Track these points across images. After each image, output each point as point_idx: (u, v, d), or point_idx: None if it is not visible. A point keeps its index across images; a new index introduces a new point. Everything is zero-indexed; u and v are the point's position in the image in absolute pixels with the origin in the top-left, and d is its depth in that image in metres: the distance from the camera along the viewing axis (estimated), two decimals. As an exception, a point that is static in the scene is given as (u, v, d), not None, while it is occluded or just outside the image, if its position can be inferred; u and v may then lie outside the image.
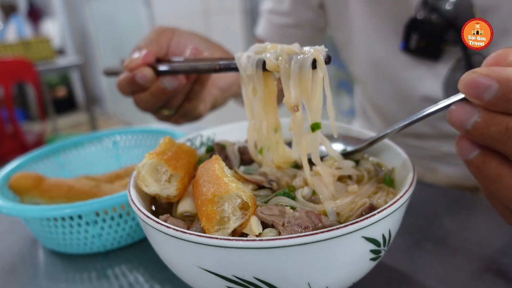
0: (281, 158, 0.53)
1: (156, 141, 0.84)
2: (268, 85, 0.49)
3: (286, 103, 0.46)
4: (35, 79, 2.82)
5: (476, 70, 0.32)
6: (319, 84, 0.44)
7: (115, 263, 0.60)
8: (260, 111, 0.51)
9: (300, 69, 0.43)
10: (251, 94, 0.50)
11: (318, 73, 0.43)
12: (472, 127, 0.32)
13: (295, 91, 0.44)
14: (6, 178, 0.67)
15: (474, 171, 0.35)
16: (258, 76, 0.48)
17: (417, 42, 0.78)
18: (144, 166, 0.45)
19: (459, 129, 0.34)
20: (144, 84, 0.61)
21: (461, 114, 0.33)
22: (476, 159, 0.34)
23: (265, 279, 0.35)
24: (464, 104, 0.33)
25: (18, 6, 5.91)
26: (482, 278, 0.50)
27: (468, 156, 0.35)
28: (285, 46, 0.45)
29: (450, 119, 0.34)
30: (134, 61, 0.61)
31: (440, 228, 0.61)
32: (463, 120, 0.33)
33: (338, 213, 0.43)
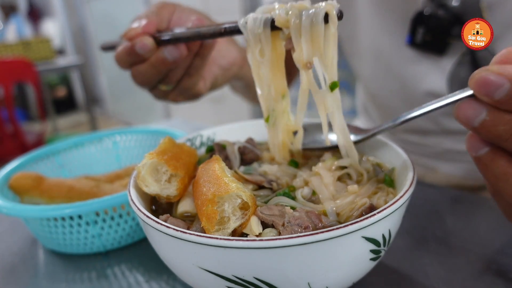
0: (285, 126, 0.52)
1: (156, 141, 0.84)
2: (276, 47, 0.48)
3: (297, 60, 0.44)
4: (35, 79, 2.81)
5: (488, 68, 0.31)
6: (332, 39, 0.43)
7: (115, 263, 0.60)
8: (268, 75, 0.49)
9: (312, 24, 0.42)
10: (259, 56, 0.48)
11: (331, 28, 0.42)
12: (479, 125, 0.32)
13: (307, 47, 0.43)
14: (6, 178, 0.66)
15: (482, 168, 0.35)
16: (266, 36, 0.46)
17: (423, 36, 0.78)
18: (144, 166, 0.45)
19: (466, 125, 0.33)
20: (143, 54, 0.59)
21: (468, 111, 0.33)
22: (484, 156, 0.34)
23: (265, 279, 0.35)
24: (472, 101, 0.33)
25: (18, 6, 5.91)
26: (482, 278, 0.50)
27: (477, 153, 0.35)
28: (295, 2, 0.44)
29: (457, 115, 0.34)
30: (134, 30, 0.59)
31: (440, 228, 0.61)
32: (470, 117, 0.33)
33: (338, 213, 0.43)
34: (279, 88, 0.50)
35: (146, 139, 0.87)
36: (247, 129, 0.65)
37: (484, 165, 0.35)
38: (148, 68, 0.61)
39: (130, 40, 0.60)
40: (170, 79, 0.65)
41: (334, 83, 0.45)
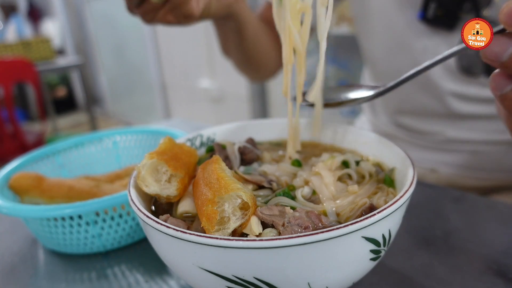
0: (293, 6, 0.49)
1: (156, 141, 0.84)
2: None
3: None
4: (35, 79, 2.81)
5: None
6: None
7: (115, 263, 0.60)
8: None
9: None
10: None
11: None
12: (508, 58, 0.33)
13: None
14: (6, 178, 0.66)
15: (507, 104, 0.36)
16: None
17: (435, 11, 0.79)
18: (144, 166, 0.45)
19: (494, 62, 0.34)
20: None
21: (496, 46, 0.34)
22: (510, 93, 0.35)
23: (265, 279, 0.35)
24: (499, 36, 0.34)
25: (18, 6, 5.91)
26: (482, 278, 0.50)
27: (503, 90, 0.35)
28: None
29: (485, 53, 0.34)
30: None
31: (440, 228, 0.61)
32: (498, 52, 0.33)
33: (338, 213, 0.43)
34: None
35: (146, 139, 0.87)
36: (247, 129, 0.65)
37: (510, 101, 0.35)
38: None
39: None
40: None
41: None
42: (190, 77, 3.53)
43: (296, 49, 0.51)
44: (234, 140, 0.59)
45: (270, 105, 2.95)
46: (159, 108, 4.23)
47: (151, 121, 4.40)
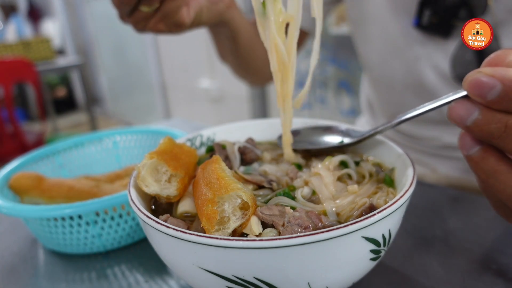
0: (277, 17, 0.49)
1: (156, 141, 0.84)
2: None
3: None
4: (35, 79, 2.81)
5: (481, 70, 0.33)
6: None
7: (115, 263, 0.60)
8: None
9: None
10: None
11: None
12: (472, 124, 0.34)
13: None
14: (6, 178, 0.66)
15: (473, 165, 0.37)
16: None
17: (430, 19, 0.79)
18: (144, 166, 0.45)
19: (459, 124, 0.35)
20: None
21: (461, 110, 0.34)
22: (475, 155, 0.36)
23: (265, 279, 0.35)
24: (465, 101, 0.35)
25: (18, 6, 5.91)
26: (482, 278, 0.50)
27: (469, 151, 0.36)
28: None
29: (451, 115, 0.35)
30: None
31: (440, 228, 0.61)
32: (463, 117, 0.34)
33: (338, 213, 0.43)
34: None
35: (146, 139, 0.87)
36: (247, 129, 0.65)
37: (475, 163, 0.36)
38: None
39: None
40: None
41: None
42: (190, 77, 3.53)
43: (282, 61, 0.50)
44: (234, 140, 0.59)
45: (270, 105, 2.95)
46: (159, 108, 4.23)
47: (151, 121, 4.40)
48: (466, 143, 0.36)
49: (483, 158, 0.35)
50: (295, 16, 0.49)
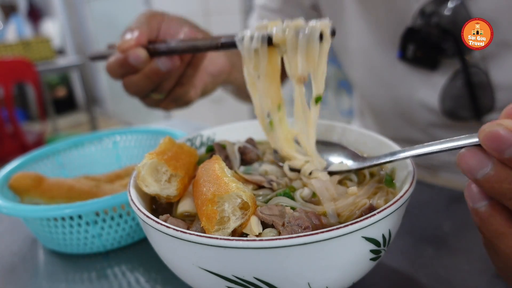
0: (284, 135, 0.53)
1: (156, 141, 0.84)
2: (272, 62, 0.50)
3: (292, 75, 0.47)
4: (35, 79, 2.82)
5: (501, 123, 0.29)
6: (324, 55, 0.46)
7: (115, 263, 0.60)
8: (264, 88, 0.51)
9: (308, 42, 0.45)
10: (253, 70, 0.50)
11: (324, 45, 0.45)
12: (482, 178, 0.31)
13: (302, 63, 0.46)
14: (6, 178, 0.66)
15: (478, 221, 0.34)
16: (263, 52, 0.48)
17: (414, 52, 0.77)
18: (144, 166, 0.45)
19: (467, 175, 0.32)
20: (137, 65, 0.60)
21: (472, 161, 0.31)
22: (482, 210, 0.33)
23: (265, 279, 0.35)
24: (477, 150, 0.31)
25: (18, 6, 5.91)
26: (482, 278, 0.50)
27: (475, 204, 0.33)
28: (291, 21, 0.46)
29: (460, 163, 0.32)
30: (127, 42, 0.60)
31: (440, 228, 0.61)
32: (473, 168, 0.31)
33: (338, 214, 0.43)
34: (274, 99, 0.52)
35: (146, 139, 0.87)
36: (247, 129, 0.65)
37: (481, 219, 0.33)
38: (141, 79, 0.62)
39: (123, 52, 0.60)
40: (163, 88, 0.66)
41: (319, 96, 0.47)
42: (190, 77, 3.52)
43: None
44: (234, 140, 0.59)
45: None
46: (159, 108, 4.22)
47: (151, 121, 4.39)
48: (473, 195, 0.33)
49: (490, 215, 0.32)
50: (301, 132, 0.51)
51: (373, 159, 0.48)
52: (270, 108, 0.52)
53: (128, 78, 0.63)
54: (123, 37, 0.62)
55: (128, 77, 0.63)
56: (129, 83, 0.63)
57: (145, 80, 0.62)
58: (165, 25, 0.67)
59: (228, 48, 0.53)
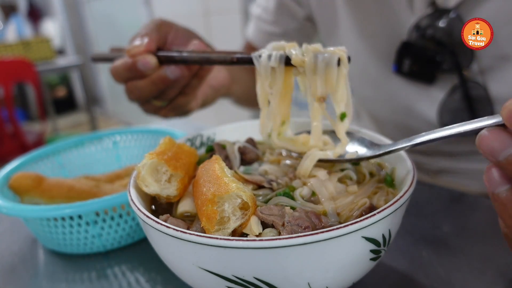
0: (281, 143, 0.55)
1: (156, 141, 0.84)
2: (286, 81, 0.52)
3: (312, 95, 0.50)
4: (35, 79, 2.82)
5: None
6: (343, 78, 0.49)
7: (115, 263, 0.60)
8: (275, 105, 0.53)
9: (327, 66, 0.48)
10: (268, 88, 0.52)
11: (343, 69, 0.48)
12: (505, 160, 0.29)
13: (321, 85, 0.49)
14: (6, 178, 0.66)
15: (498, 206, 0.32)
16: (280, 71, 0.51)
17: (410, 67, 0.77)
18: (144, 166, 0.45)
19: (488, 157, 0.30)
20: (145, 71, 0.60)
21: (494, 142, 0.30)
22: (503, 195, 0.31)
23: (265, 279, 0.35)
24: (499, 131, 0.30)
25: (18, 6, 5.91)
26: (482, 278, 0.50)
27: (496, 189, 0.31)
28: (310, 45, 0.49)
29: (480, 145, 0.30)
30: (137, 48, 0.60)
31: (440, 228, 0.61)
32: (495, 150, 0.29)
33: (338, 213, 0.43)
34: (283, 116, 0.55)
35: (146, 139, 0.87)
36: (247, 129, 0.65)
37: (502, 204, 0.31)
38: (146, 85, 0.62)
39: (133, 57, 0.60)
40: (166, 96, 0.66)
41: (343, 114, 0.51)
42: (190, 77, 3.52)
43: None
44: (234, 140, 0.59)
45: (270, 105, 2.95)
46: (159, 108, 4.22)
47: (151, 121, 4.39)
48: (493, 178, 0.31)
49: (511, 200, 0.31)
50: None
51: (389, 146, 0.48)
52: (275, 123, 0.55)
53: (132, 83, 0.63)
54: (132, 42, 0.62)
55: (133, 82, 0.63)
56: (133, 88, 0.63)
57: (151, 86, 0.62)
58: (173, 34, 0.67)
59: (243, 63, 0.55)
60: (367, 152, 0.50)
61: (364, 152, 0.51)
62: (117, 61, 0.63)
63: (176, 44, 0.67)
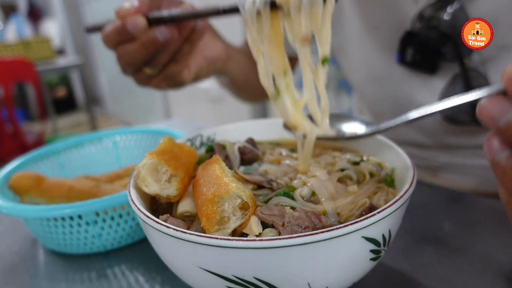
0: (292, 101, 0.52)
1: (156, 141, 0.84)
2: (274, 26, 0.49)
3: (295, 36, 0.47)
4: (35, 79, 2.81)
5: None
6: (328, 17, 0.46)
7: (115, 263, 0.60)
8: (268, 53, 0.50)
9: (312, 3, 0.45)
10: (256, 34, 0.50)
11: (328, 6, 0.45)
12: (505, 125, 0.29)
13: (306, 24, 0.46)
14: (6, 178, 0.66)
15: (499, 173, 0.32)
16: (266, 14, 0.48)
17: (413, 56, 0.77)
18: (144, 166, 0.45)
19: (489, 125, 0.31)
20: (135, 32, 0.58)
21: (494, 109, 0.30)
22: (503, 161, 0.31)
23: (265, 279, 0.35)
24: (499, 97, 0.30)
25: (18, 6, 5.91)
26: (482, 278, 0.50)
27: (496, 156, 0.31)
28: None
29: (481, 113, 0.31)
30: (127, 9, 0.59)
31: (440, 228, 0.61)
32: (495, 116, 0.30)
33: (338, 213, 0.43)
34: (279, 64, 0.51)
35: (146, 139, 0.87)
36: (247, 129, 0.65)
37: (502, 171, 0.31)
38: (136, 48, 0.60)
39: (122, 19, 0.59)
40: (157, 62, 0.64)
41: (326, 57, 0.48)
42: (190, 77, 3.52)
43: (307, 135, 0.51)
44: (234, 140, 0.59)
45: (270, 105, 2.95)
46: (159, 108, 4.23)
47: (151, 121, 4.40)
48: (493, 146, 0.31)
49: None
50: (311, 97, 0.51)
51: (388, 122, 0.47)
52: (275, 72, 0.51)
53: (122, 47, 0.61)
54: (122, 5, 0.61)
55: (123, 46, 0.61)
56: (123, 53, 0.62)
57: (141, 49, 0.60)
58: (167, 1, 0.66)
59: (229, 13, 0.53)
60: (367, 130, 0.50)
61: (363, 130, 0.50)
62: (107, 25, 0.61)
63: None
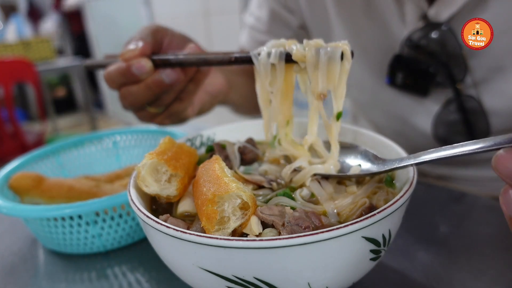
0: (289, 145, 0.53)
1: (156, 141, 0.84)
2: (287, 79, 0.50)
3: (312, 91, 0.48)
4: (35, 79, 2.81)
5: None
6: (345, 74, 0.46)
7: (115, 263, 0.60)
8: (277, 104, 0.51)
9: (329, 60, 0.45)
10: (269, 87, 0.50)
11: (345, 64, 0.46)
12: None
13: (323, 80, 0.46)
14: (6, 178, 0.66)
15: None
16: (280, 68, 0.49)
17: (403, 80, 0.76)
18: (144, 166, 0.45)
19: (505, 179, 0.29)
20: (140, 75, 0.58)
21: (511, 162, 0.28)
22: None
23: (265, 279, 0.35)
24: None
25: (18, 6, 5.91)
26: (482, 278, 0.50)
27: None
28: (311, 40, 0.47)
29: (497, 166, 0.29)
30: (131, 52, 0.58)
31: (440, 228, 0.61)
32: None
33: (338, 214, 0.43)
34: (285, 115, 0.53)
35: (146, 139, 0.87)
36: (247, 129, 0.65)
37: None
38: (141, 89, 0.60)
39: (127, 61, 0.58)
40: (161, 102, 0.64)
41: (340, 113, 0.49)
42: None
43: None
44: (234, 140, 0.59)
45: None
46: (159, 108, 4.22)
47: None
48: (510, 200, 0.29)
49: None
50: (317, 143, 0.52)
51: (394, 162, 0.46)
52: (279, 123, 0.53)
53: (126, 89, 0.61)
54: (126, 47, 0.60)
55: (127, 87, 0.61)
56: (127, 94, 0.61)
57: (146, 91, 0.60)
58: (169, 39, 0.66)
59: (241, 63, 0.53)
60: (372, 168, 0.49)
61: (368, 167, 0.49)
62: (110, 66, 0.61)
63: (171, 49, 0.65)
